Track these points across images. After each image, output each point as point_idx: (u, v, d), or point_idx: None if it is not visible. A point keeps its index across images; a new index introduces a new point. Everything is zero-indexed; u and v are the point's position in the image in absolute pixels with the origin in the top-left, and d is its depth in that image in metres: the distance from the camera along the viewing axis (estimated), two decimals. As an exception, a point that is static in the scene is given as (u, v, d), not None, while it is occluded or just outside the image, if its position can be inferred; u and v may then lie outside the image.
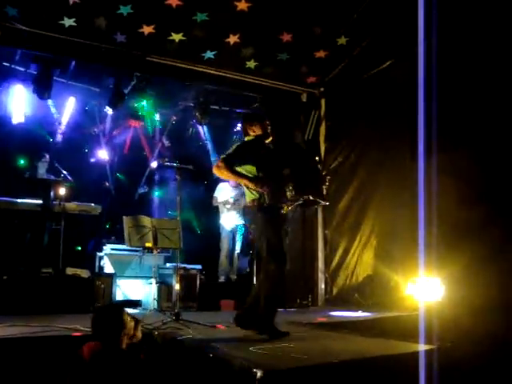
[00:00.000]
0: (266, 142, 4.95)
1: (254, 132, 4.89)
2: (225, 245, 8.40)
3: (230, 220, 8.38)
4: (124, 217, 5.78)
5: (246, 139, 4.94)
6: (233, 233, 8.43)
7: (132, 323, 3.22)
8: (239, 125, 10.14)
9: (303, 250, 8.28)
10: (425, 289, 6.43)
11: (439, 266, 6.00)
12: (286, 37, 6.78)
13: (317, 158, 5.41)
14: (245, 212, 5.21)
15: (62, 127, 8.94)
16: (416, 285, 6.65)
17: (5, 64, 7.47)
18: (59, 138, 9.00)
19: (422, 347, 4.08)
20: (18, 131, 8.21)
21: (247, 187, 4.76)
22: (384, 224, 7.81)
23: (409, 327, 5.29)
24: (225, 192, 8.41)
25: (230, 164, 4.78)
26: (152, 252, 6.11)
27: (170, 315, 5.42)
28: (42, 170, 7.80)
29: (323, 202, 5.13)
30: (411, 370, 3.69)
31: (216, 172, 4.85)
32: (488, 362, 3.95)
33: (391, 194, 7.64)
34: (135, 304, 6.77)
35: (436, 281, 6.42)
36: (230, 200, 8.30)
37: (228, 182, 8.39)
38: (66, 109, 8.90)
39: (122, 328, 3.12)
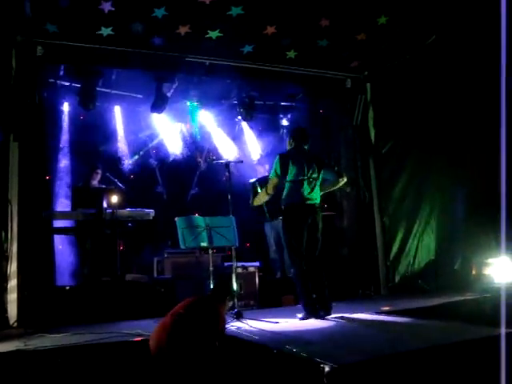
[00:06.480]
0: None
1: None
2: (271, 241, 8.07)
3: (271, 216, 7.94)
4: (176, 218, 5.75)
5: None
6: (276, 228, 7.87)
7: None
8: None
9: (361, 240, 8.08)
10: (499, 269, 6.12)
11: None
12: (325, 22, 6.57)
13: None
14: None
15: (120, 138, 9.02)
16: (487, 266, 6.35)
17: (50, 80, 7.60)
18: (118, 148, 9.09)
19: (497, 331, 3.86)
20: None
21: None
22: (443, 205, 7.55)
23: (480, 310, 5.06)
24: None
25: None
26: (208, 252, 6.05)
27: (231, 314, 5.38)
28: (94, 181, 7.90)
29: None
30: (487, 356, 3.49)
31: None
32: None
33: (448, 175, 7.36)
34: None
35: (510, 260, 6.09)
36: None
37: None
38: (114, 118, 9.01)
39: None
